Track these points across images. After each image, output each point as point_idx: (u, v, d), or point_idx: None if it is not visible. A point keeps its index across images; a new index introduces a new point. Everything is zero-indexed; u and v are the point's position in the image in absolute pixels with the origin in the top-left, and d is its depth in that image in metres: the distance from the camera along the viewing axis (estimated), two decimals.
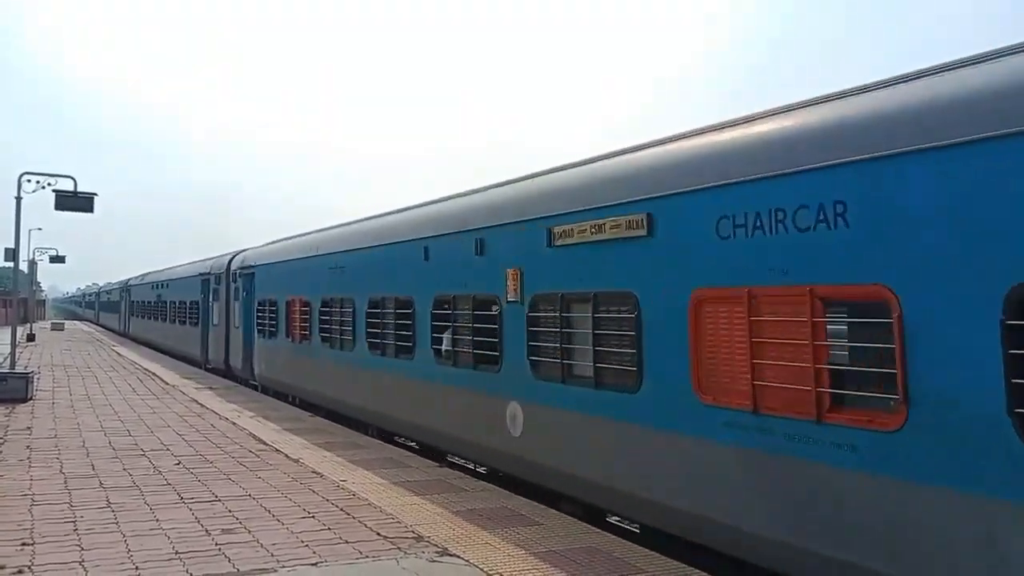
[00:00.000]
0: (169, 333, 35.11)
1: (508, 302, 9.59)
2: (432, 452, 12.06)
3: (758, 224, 6.23)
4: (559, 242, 8.63)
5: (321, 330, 16.05)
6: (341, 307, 15.11)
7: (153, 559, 6.61)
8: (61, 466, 10.42)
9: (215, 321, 25.97)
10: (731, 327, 6.44)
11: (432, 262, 11.65)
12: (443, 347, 11.28)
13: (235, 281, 23.56)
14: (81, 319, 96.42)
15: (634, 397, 7.48)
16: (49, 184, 19.00)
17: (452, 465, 11.28)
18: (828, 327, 5.83)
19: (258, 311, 20.61)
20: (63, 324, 65.42)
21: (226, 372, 24.41)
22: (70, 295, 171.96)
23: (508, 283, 9.55)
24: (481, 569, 6.44)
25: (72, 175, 19.02)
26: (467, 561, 6.64)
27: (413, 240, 12.28)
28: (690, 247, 6.89)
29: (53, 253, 53.87)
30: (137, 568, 6.39)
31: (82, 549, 6.86)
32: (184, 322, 31.55)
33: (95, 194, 18.95)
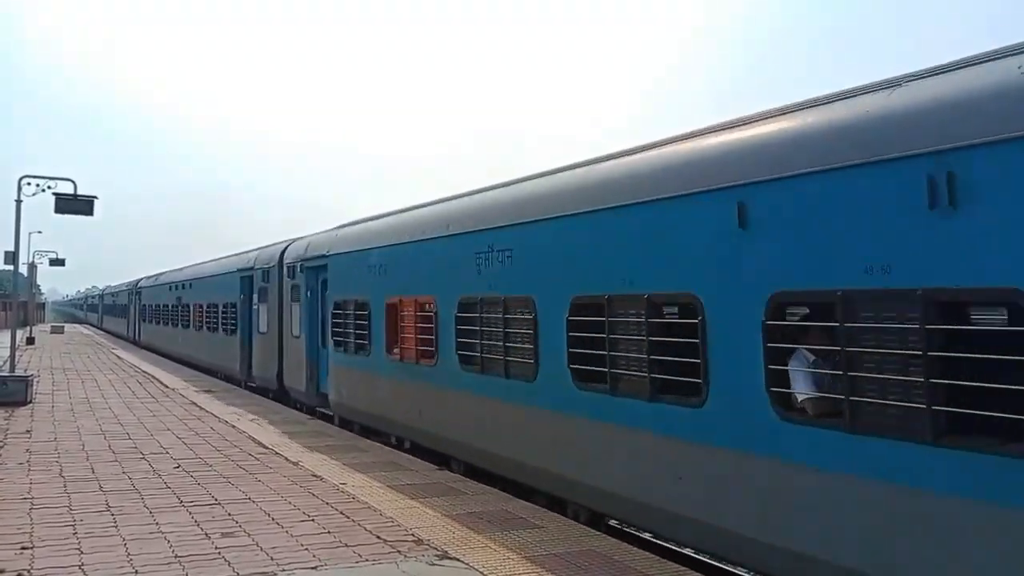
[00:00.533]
0: (194, 342, 29.53)
1: None
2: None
3: None
4: None
5: (460, 345, 10.48)
6: (505, 311, 9.52)
7: (152, 563, 6.61)
8: (61, 469, 10.42)
9: (262, 328, 20.85)
10: None
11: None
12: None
13: (292, 276, 18.26)
14: (83, 323, 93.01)
15: None
16: (49, 187, 19.01)
17: (452, 468, 11.25)
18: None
19: (334, 316, 15.07)
20: (63, 327, 65.40)
21: (280, 393, 19.44)
22: (70, 298, 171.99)
23: None
24: (481, 572, 6.43)
25: (72, 178, 19.02)
26: (467, 564, 6.64)
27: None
28: None
29: (53, 256, 53.88)
30: (136, 572, 6.39)
31: (81, 553, 6.86)
32: (215, 328, 26.05)
33: (95, 197, 18.95)
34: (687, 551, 8.10)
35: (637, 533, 8.69)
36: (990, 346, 4.84)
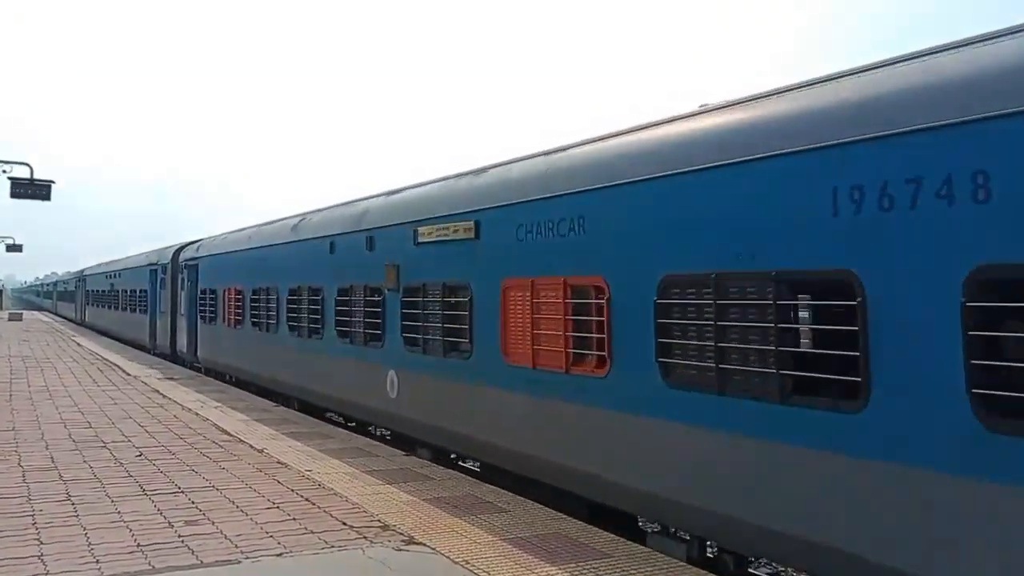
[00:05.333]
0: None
1: None
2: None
3: None
4: None
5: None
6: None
7: (114, 552, 6.52)
8: (19, 459, 10.23)
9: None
10: None
11: None
12: None
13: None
14: (40, 309, 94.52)
15: None
16: (4, 171, 18.61)
17: (418, 454, 11.26)
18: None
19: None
20: (21, 314, 64.08)
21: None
22: (29, 284, 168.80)
23: None
24: (447, 557, 6.45)
25: (28, 162, 18.64)
26: (433, 549, 6.65)
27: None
28: None
29: (10, 242, 52.81)
30: (98, 561, 6.30)
31: (41, 543, 6.74)
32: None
33: (52, 181, 18.59)
34: (649, 528, 8.18)
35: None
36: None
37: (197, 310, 23.22)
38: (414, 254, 11.08)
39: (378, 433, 13.88)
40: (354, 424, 14.47)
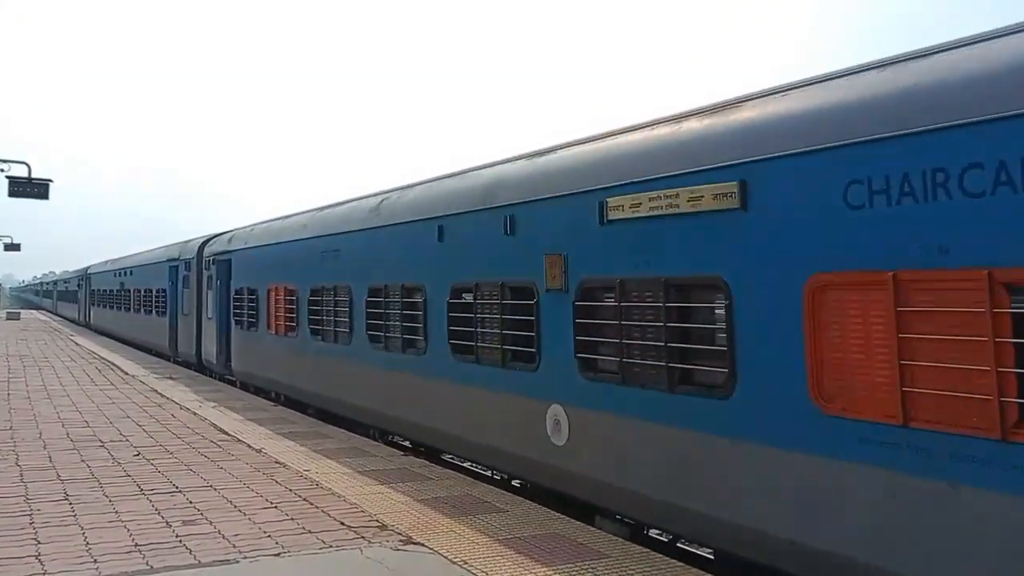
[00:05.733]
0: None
1: None
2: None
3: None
4: None
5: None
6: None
7: (112, 551, 6.52)
8: (17, 458, 10.22)
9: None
10: None
11: None
12: None
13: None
14: (39, 309, 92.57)
15: None
16: (1, 170, 18.59)
17: (416, 454, 11.25)
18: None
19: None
20: (19, 313, 64.01)
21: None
22: (27, 284, 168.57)
23: None
24: (445, 557, 6.45)
25: (26, 161, 18.63)
26: (431, 549, 6.65)
27: None
28: None
29: (8, 241, 52.76)
30: (96, 561, 6.30)
31: (38, 543, 6.74)
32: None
33: (50, 180, 18.57)
34: (652, 532, 8.18)
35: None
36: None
37: (231, 313, 19.38)
38: (598, 238, 7.63)
39: (528, 486, 9.48)
40: (501, 475, 10.26)
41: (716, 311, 6.53)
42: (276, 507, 8.00)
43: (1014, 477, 4.45)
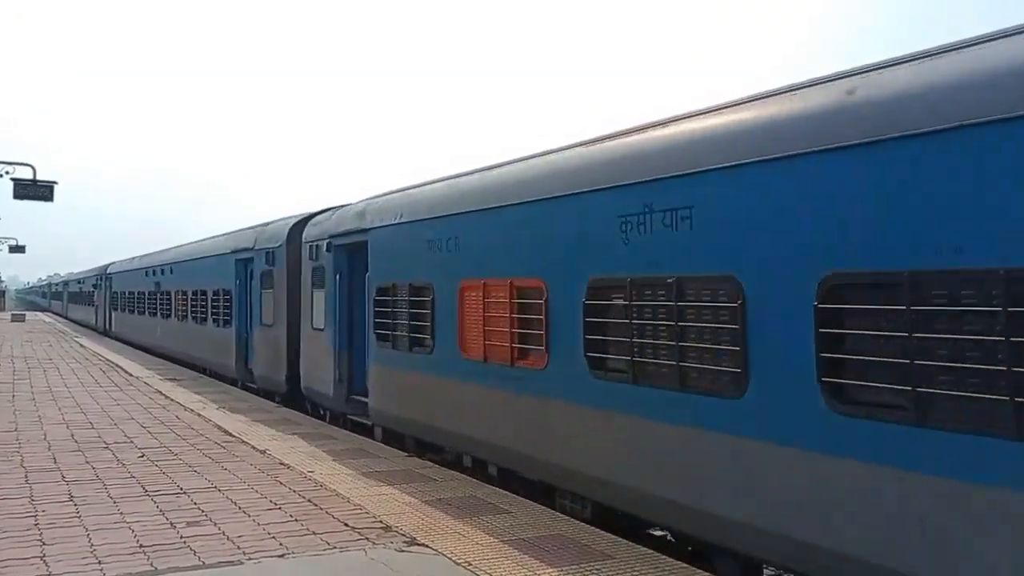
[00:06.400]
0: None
1: None
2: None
3: None
4: None
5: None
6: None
7: (117, 553, 6.52)
8: (22, 460, 10.24)
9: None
10: None
11: None
12: None
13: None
14: (46, 311, 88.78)
15: None
16: (7, 172, 18.64)
17: (420, 455, 11.23)
18: None
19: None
20: (24, 315, 64.15)
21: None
22: (32, 285, 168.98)
23: None
24: (450, 558, 6.44)
25: (31, 163, 18.67)
26: (436, 551, 6.64)
27: None
28: None
29: (13, 243, 52.89)
30: (100, 562, 6.30)
31: (43, 544, 6.75)
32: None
33: (55, 182, 18.61)
34: (656, 532, 8.15)
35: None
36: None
37: (367, 323, 12.51)
38: None
39: None
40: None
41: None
42: (280, 508, 8.00)
43: None
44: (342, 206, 14.75)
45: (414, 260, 11.10)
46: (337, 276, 13.69)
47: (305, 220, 16.11)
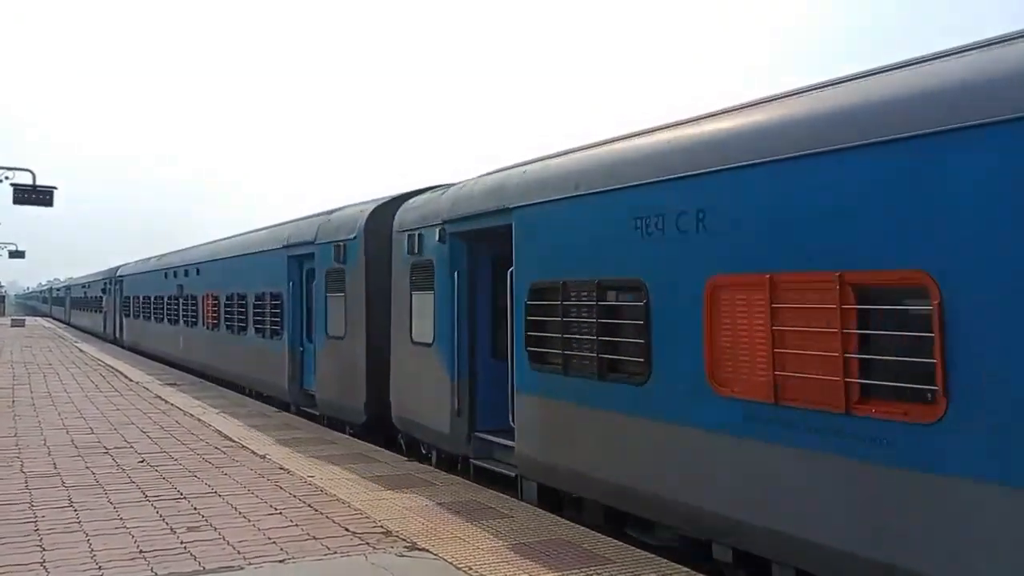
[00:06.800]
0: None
1: None
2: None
3: None
4: None
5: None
6: None
7: (116, 558, 6.51)
8: (22, 465, 10.22)
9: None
10: None
11: None
12: None
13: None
14: (48, 317, 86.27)
15: None
16: (6, 177, 18.65)
17: (420, 459, 11.22)
18: None
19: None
20: (23, 320, 64.18)
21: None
22: (32, 290, 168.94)
23: None
24: (451, 563, 6.43)
25: (30, 168, 18.68)
26: (437, 555, 6.63)
27: None
28: None
29: (12, 248, 52.87)
30: (100, 568, 6.29)
31: (43, 549, 6.73)
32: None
33: (54, 187, 18.62)
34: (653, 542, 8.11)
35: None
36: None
37: (519, 338, 8.85)
38: None
39: None
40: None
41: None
42: (280, 513, 7.98)
43: None
44: (446, 185, 11.55)
45: (605, 247, 7.71)
46: (455, 274, 10.27)
47: (394, 202, 12.59)
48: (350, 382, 13.16)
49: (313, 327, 14.81)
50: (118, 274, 37.12)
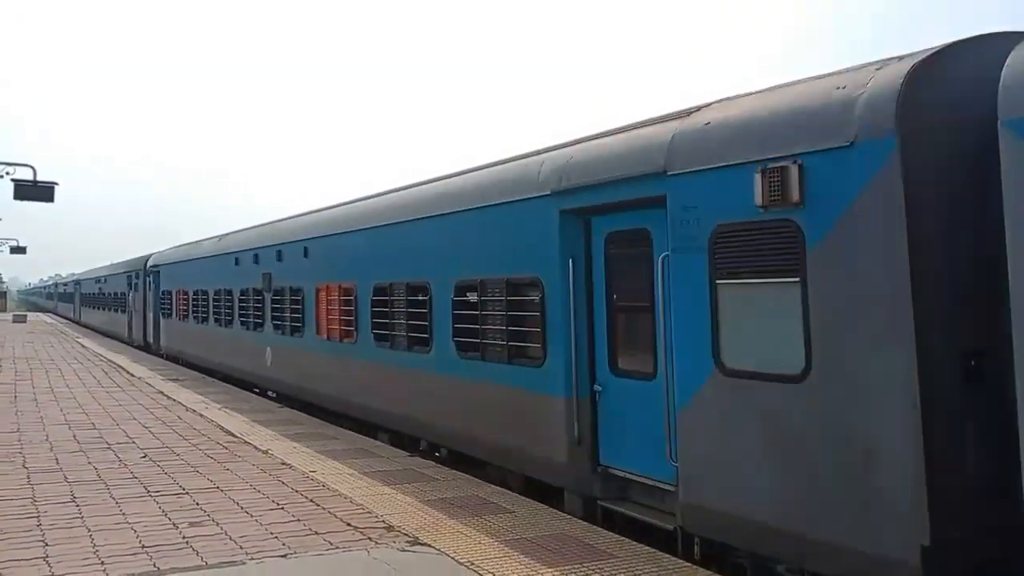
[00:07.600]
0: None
1: None
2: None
3: None
4: None
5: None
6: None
7: (119, 553, 6.52)
8: (24, 460, 10.24)
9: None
10: None
11: None
12: None
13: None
14: (54, 314, 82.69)
15: None
16: (7, 173, 18.65)
17: (423, 454, 11.23)
18: None
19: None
20: (25, 316, 64.23)
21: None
22: (33, 286, 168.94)
23: None
24: (452, 558, 6.43)
25: (31, 163, 18.67)
26: (438, 550, 6.63)
27: None
28: None
29: (14, 244, 52.86)
30: (103, 563, 6.30)
31: (46, 544, 6.75)
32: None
33: (55, 183, 18.62)
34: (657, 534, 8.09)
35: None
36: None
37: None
38: None
39: None
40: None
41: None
42: (282, 508, 7.99)
43: None
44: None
45: None
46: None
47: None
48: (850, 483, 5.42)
49: (670, 349, 6.91)
50: (150, 264, 29.91)
